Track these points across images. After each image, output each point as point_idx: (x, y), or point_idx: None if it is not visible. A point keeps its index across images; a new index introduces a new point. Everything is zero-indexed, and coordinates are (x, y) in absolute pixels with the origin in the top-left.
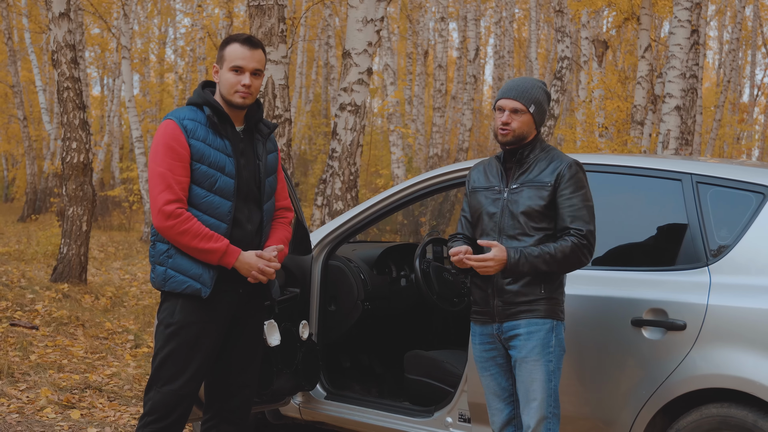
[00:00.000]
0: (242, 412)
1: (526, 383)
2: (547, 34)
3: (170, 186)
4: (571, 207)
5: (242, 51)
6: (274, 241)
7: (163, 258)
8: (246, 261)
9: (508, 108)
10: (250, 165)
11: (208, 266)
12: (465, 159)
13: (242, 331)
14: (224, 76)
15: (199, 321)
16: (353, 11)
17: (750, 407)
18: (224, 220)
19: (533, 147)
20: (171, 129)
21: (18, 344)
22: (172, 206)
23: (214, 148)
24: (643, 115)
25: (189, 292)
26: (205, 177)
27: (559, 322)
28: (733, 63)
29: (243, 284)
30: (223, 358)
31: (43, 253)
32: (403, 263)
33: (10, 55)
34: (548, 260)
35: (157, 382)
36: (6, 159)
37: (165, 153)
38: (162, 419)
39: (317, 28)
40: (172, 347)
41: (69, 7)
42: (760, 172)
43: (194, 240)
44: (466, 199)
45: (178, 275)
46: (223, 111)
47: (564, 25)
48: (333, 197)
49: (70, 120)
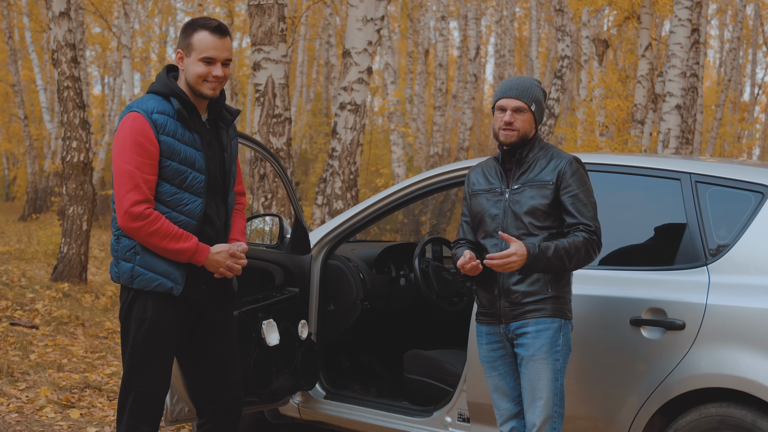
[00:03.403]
0: (235, 409)
1: (533, 381)
2: (548, 33)
3: (138, 185)
4: (576, 203)
5: (213, 41)
6: (236, 233)
7: (130, 254)
8: (215, 259)
9: (511, 107)
10: (216, 156)
11: (177, 262)
12: (466, 158)
13: (212, 327)
14: (193, 66)
15: (170, 318)
16: (353, 10)
17: (749, 407)
18: (194, 218)
19: (532, 146)
20: (139, 124)
21: (18, 343)
22: (140, 207)
23: (183, 143)
24: (643, 114)
25: (160, 290)
26: (175, 174)
27: (567, 321)
28: (734, 62)
29: (206, 280)
30: (202, 358)
31: (44, 253)
32: (402, 263)
33: (10, 54)
34: (563, 256)
35: (137, 383)
36: (7, 158)
37: (133, 149)
38: (150, 423)
39: (318, 27)
40: (149, 345)
41: (69, 6)
42: (759, 172)
43: (164, 240)
44: (465, 203)
45: (147, 272)
46: (191, 102)
47: (564, 24)
48: (333, 196)
49: (71, 119)
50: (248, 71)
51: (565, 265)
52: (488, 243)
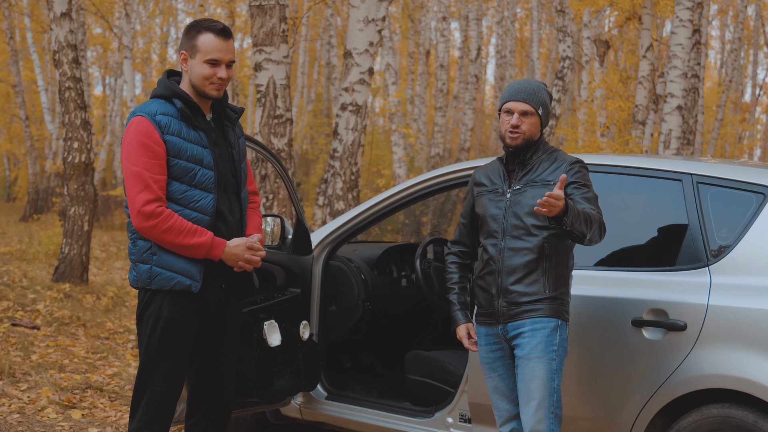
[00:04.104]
0: (227, 412)
1: (527, 381)
2: (549, 33)
3: (148, 185)
4: (583, 196)
5: (218, 43)
6: (252, 228)
7: (147, 255)
8: (232, 252)
9: (518, 110)
10: (225, 154)
11: (194, 260)
12: (467, 159)
13: (222, 329)
14: (198, 67)
15: (188, 316)
16: (354, 11)
17: (750, 408)
18: (207, 213)
19: (536, 149)
20: (144, 126)
21: (19, 344)
22: (152, 206)
23: (190, 142)
24: (644, 115)
25: (178, 288)
26: (184, 172)
27: (564, 323)
28: (735, 62)
29: (225, 279)
30: (207, 358)
31: (45, 253)
32: (403, 263)
33: (12, 54)
34: (588, 216)
35: (151, 381)
36: (8, 159)
37: (140, 151)
38: (161, 422)
39: (319, 28)
40: (164, 343)
41: (71, 6)
42: (761, 173)
43: (179, 237)
44: (466, 203)
45: (165, 272)
46: (194, 102)
47: (565, 25)
48: (334, 197)
49: (72, 120)
50: (249, 72)
51: (586, 229)
52: (488, 243)
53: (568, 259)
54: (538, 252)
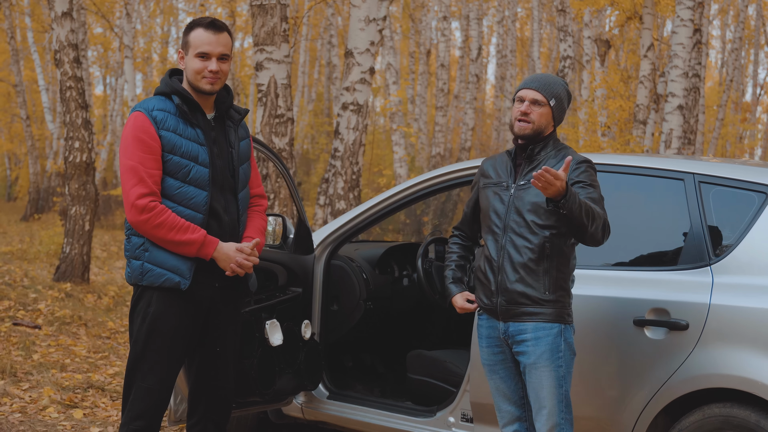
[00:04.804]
0: (226, 412)
1: (536, 390)
2: (550, 33)
3: (142, 179)
4: (588, 196)
5: (207, 36)
6: (252, 230)
7: (139, 252)
8: (225, 252)
9: (529, 98)
10: (224, 153)
11: (185, 258)
12: (467, 158)
13: (218, 327)
14: (190, 62)
15: (177, 313)
16: (355, 10)
17: (752, 407)
18: (200, 211)
19: (545, 144)
20: (140, 121)
21: (21, 344)
22: (145, 200)
23: (185, 138)
24: (645, 115)
25: (168, 285)
26: (178, 167)
27: (567, 326)
28: (736, 62)
29: (219, 278)
30: (205, 357)
31: (46, 253)
32: (405, 263)
33: (12, 54)
34: (589, 209)
35: (136, 377)
36: (9, 158)
37: (135, 146)
38: (145, 419)
39: (320, 28)
40: (151, 339)
41: (71, 6)
42: (763, 172)
43: (170, 232)
44: (473, 192)
45: (156, 268)
46: (193, 99)
47: (566, 25)
48: (335, 196)
49: (73, 119)
50: (250, 71)
51: (586, 221)
52: (489, 239)
53: (570, 259)
54: (538, 251)
